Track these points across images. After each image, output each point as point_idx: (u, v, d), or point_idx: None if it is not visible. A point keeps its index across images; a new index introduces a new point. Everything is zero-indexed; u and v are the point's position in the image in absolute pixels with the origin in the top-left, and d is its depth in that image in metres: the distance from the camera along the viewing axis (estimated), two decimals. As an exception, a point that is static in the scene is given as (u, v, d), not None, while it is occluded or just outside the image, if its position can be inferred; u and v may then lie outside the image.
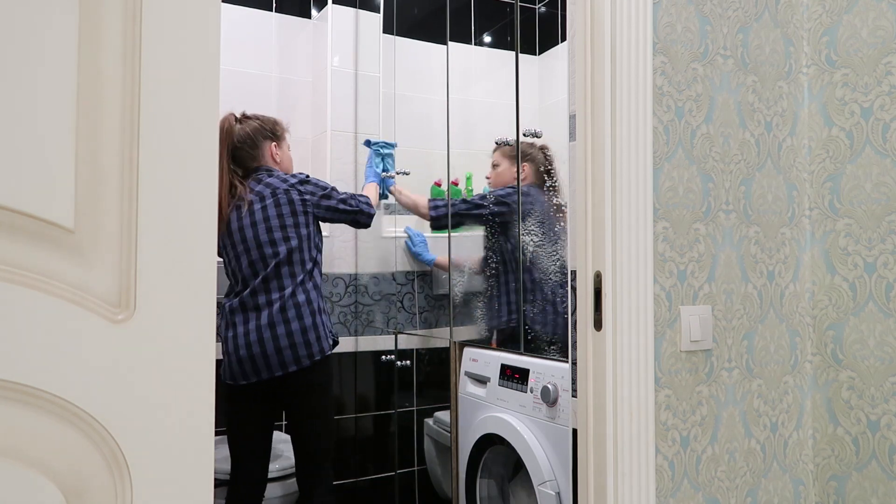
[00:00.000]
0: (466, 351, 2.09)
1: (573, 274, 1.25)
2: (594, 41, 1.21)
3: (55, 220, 0.60)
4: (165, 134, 0.64)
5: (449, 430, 2.19)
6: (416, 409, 2.73)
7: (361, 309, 2.75)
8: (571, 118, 1.26)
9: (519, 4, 2.01)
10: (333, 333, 1.98)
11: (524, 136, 1.96)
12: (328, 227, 2.60)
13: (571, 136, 1.26)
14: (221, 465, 2.08)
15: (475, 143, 2.42)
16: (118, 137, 0.63)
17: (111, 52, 0.63)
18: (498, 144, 2.21)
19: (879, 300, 1.30)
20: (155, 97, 0.64)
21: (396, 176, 2.64)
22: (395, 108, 2.65)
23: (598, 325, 1.19)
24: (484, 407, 1.93)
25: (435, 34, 2.47)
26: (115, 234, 0.63)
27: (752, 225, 1.37)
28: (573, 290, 1.25)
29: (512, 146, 2.08)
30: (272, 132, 2.05)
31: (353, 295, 2.75)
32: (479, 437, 1.92)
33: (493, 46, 2.45)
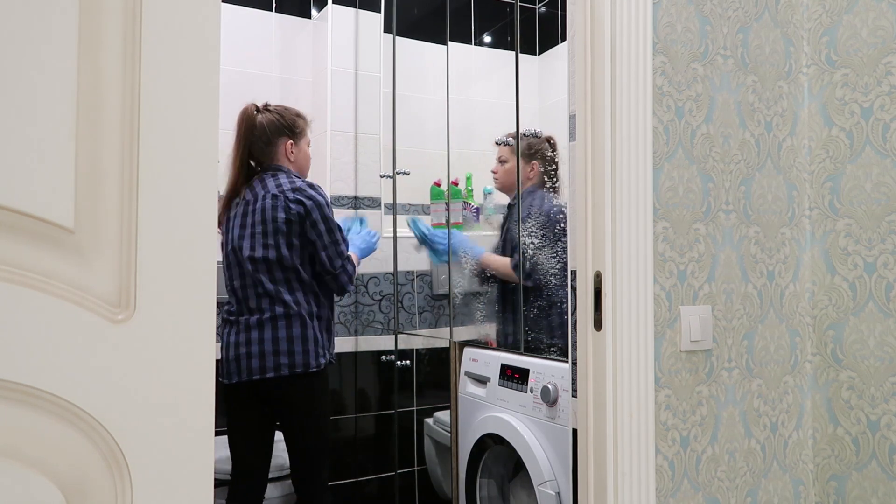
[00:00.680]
0: (466, 351, 2.09)
1: (573, 274, 1.25)
2: (594, 41, 1.21)
3: (55, 220, 0.60)
4: (165, 134, 0.64)
5: (449, 430, 2.19)
6: (416, 409, 2.73)
7: (361, 309, 2.75)
8: (571, 118, 1.26)
9: (519, 4, 2.01)
10: (326, 351, 1.91)
11: (524, 136, 1.96)
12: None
13: (571, 136, 1.26)
14: (222, 465, 2.08)
15: (475, 143, 2.43)
16: (118, 137, 0.63)
17: (111, 52, 0.63)
18: (502, 143, 2.16)
19: (879, 300, 1.30)
20: (155, 97, 0.64)
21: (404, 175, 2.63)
22: (395, 108, 2.65)
23: (598, 325, 1.19)
24: (484, 407, 1.93)
25: (435, 34, 2.47)
26: (115, 234, 0.63)
27: (752, 225, 1.37)
28: (573, 290, 1.25)
29: (523, 142, 2.03)
30: (290, 128, 1.96)
31: (353, 295, 2.75)
32: (479, 437, 1.92)
33: (493, 46, 2.45)
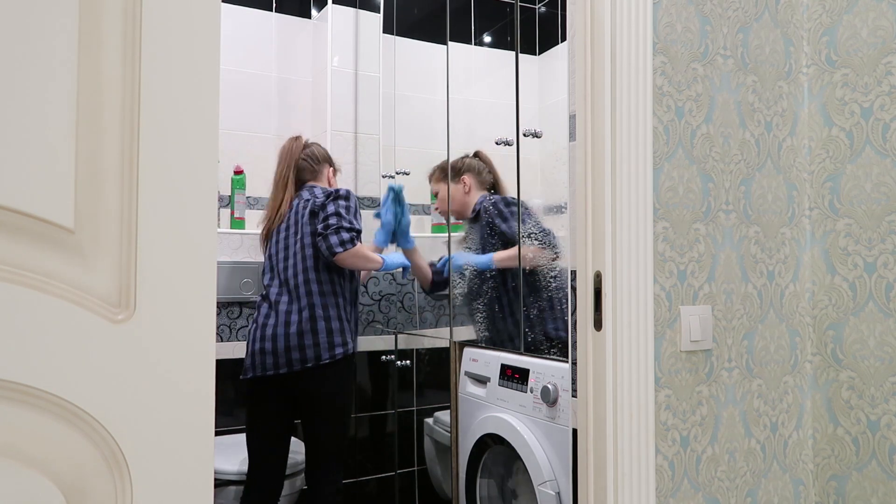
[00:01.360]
0: (466, 351, 2.09)
1: (573, 274, 1.25)
2: (594, 41, 1.21)
3: (55, 220, 0.60)
4: (165, 134, 0.64)
5: (449, 430, 2.19)
6: (416, 409, 2.73)
7: (361, 309, 2.75)
8: (571, 118, 1.26)
9: (519, 4, 2.01)
10: (342, 345, 1.99)
11: (524, 136, 1.96)
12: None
13: (571, 136, 1.26)
14: (222, 465, 2.08)
15: (475, 143, 2.42)
16: (118, 137, 0.63)
17: (111, 52, 0.63)
18: (430, 177, 2.35)
19: (879, 300, 1.30)
20: (155, 97, 0.64)
21: (399, 177, 2.63)
22: (395, 108, 2.65)
23: (598, 325, 1.19)
24: (484, 407, 1.93)
25: (435, 34, 2.47)
26: (115, 234, 0.63)
27: (752, 225, 1.37)
28: (573, 290, 1.25)
29: (442, 167, 2.25)
30: (329, 159, 2.26)
31: (353, 295, 2.75)
32: (479, 437, 1.92)
33: (493, 46, 2.45)
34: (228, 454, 2.16)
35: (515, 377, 1.81)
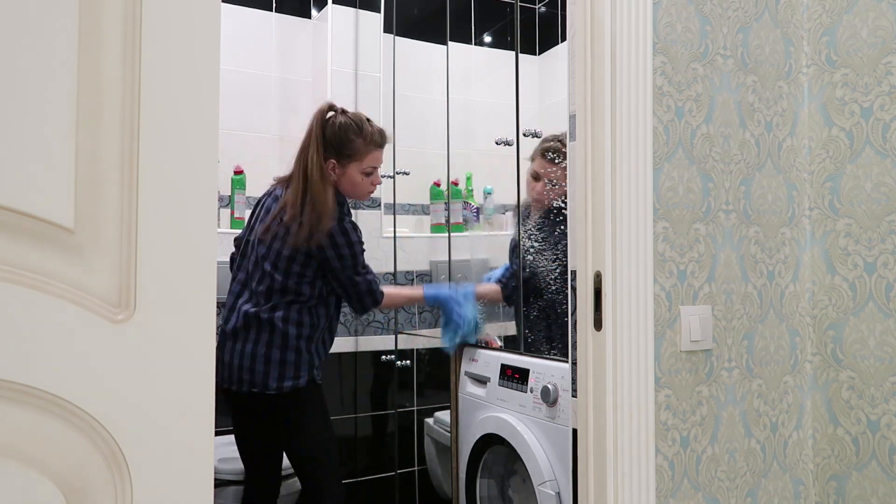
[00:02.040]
0: (466, 351, 2.09)
1: (573, 274, 1.25)
2: (594, 41, 1.21)
3: (55, 220, 0.60)
4: (165, 134, 0.64)
5: (449, 430, 2.19)
6: (416, 409, 2.73)
7: (361, 309, 2.74)
8: (571, 118, 1.26)
9: (519, 4, 2.01)
10: (296, 377, 1.75)
11: (524, 136, 1.96)
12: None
13: (571, 136, 1.26)
14: (222, 465, 2.08)
15: (475, 143, 2.43)
16: (118, 138, 0.63)
17: (111, 52, 0.63)
18: (538, 156, 1.89)
19: (879, 300, 1.30)
20: (155, 98, 0.64)
21: (397, 176, 2.63)
22: (394, 108, 2.65)
23: (598, 325, 1.19)
24: (484, 407, 1.93)
25: (435, 34, 2.47)
26: (115, 234, 0.63)
27: (752, 225, 1.37)
28: (573, 290, 1.25)
29: (563, 144, 1.78)
30: (336, 148, 1.81)
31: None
32: (479, 437, 1.92)
33: (493, 46, 2.45)
34: (228, 454, 2.16)
35: (515, 377, 1.81)
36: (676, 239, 1.27)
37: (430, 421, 2.50)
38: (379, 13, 2.73)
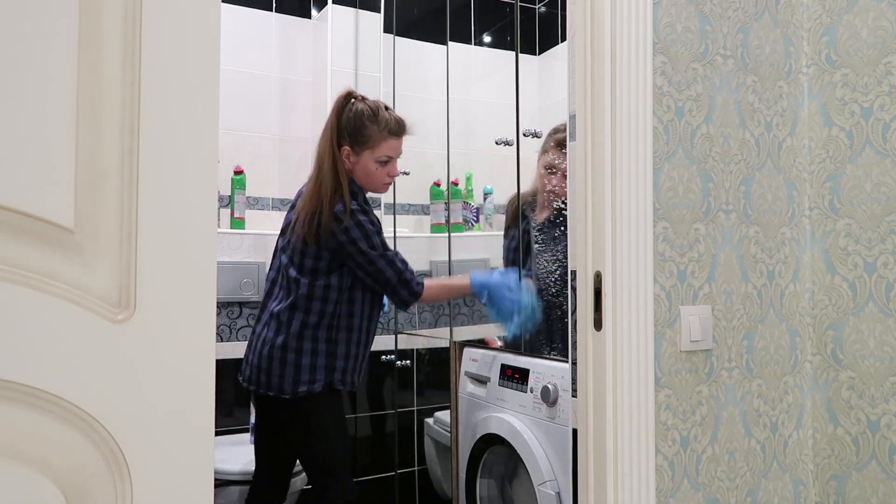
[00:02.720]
0: (466, 351, 2.09)
1: (573, 274, 1.25)
2: (594, 41, 1.21)
3: (55, 220, 0.60)
4: (165, 134, 0.64)
5: (449, 430, 2.19)
6: (416, 409, 2.73)
7: (361, 309, 2.74)
8: (571, 118, 1.26)
9: (519, 4, 2.01)
10: (311, 381, 1.70)
11: (524, 135, 1.96)
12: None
13: (571, 136, 1.26)
14: (223, 465, 2.08)
15: (475, 143, 2.43)
16: (118, 138, 0.63)
17: (111, 52, 0.63)
18: (550, 147, 1.81)
19: (879, 300, 1.30)
20: (155, 98, 0.64)
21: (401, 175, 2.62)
22: (395, 108, 2.65)
23: (598, 325, 1.19)
24: (484, 407, 1.93)
25: (435, 34, 2.47)
26: (115, 234, 0.63)
27: (752, 225, 1.37)
28: (573, 290, 1.25)
29: (554, 137, 1.79)
30: (351, 134, 1.76)
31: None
32: (479, 437, 1.92)
33: (493, 46, 2.45)
34: (229, 454, 2.16)
35: (515, 377, 1.81)
36: (676, 239, 1.27)
37: (430, 421, 2.50)
38: (379, 13, 2.73)
